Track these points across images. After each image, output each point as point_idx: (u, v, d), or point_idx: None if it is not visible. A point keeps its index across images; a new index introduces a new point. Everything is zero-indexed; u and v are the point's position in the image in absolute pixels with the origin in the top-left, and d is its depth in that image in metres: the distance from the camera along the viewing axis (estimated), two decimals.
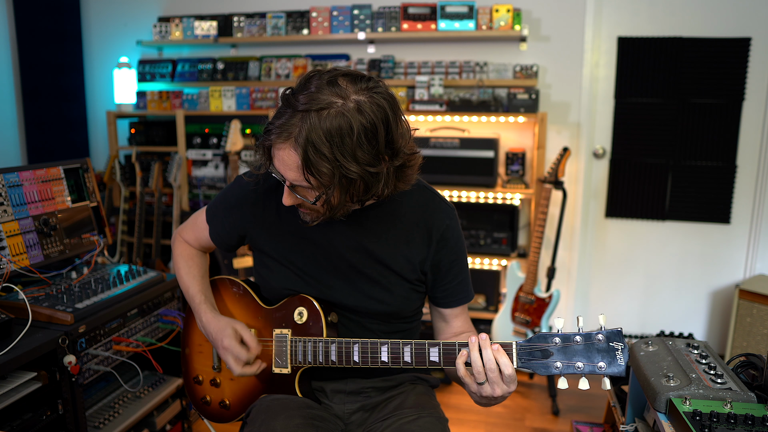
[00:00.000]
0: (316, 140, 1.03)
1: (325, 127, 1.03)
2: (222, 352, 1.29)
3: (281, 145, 1.07)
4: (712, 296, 3.24)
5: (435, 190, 1.33)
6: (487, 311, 3.16)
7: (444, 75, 3.20)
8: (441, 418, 1.29)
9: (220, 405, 1.40)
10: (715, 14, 3.01)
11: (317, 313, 1.26)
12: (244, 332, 1.30)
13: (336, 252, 1.27)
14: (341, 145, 1.04)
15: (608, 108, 3.22)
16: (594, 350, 1.03)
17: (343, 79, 1.07)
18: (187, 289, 1.41)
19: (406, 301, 1.30)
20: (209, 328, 1.32)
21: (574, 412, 2.70)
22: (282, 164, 1.09)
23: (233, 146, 3.13)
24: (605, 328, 1.04)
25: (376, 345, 1.18)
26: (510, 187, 3.09)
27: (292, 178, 1.10)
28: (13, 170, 1.72)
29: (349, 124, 1.03)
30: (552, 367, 1.05)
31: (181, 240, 1.49)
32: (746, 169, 3.08)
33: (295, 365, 1.27)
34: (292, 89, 1.10)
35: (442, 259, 1.28)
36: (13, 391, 1.40)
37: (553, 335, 1.06)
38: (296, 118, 1.04)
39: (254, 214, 1.32)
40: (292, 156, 1.06)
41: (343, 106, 1.04)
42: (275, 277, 1.31)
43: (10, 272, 1.62)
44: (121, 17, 3.76)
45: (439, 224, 1.27)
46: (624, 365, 1.02)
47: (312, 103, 1.04)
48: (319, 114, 1.03)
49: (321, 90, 1.05)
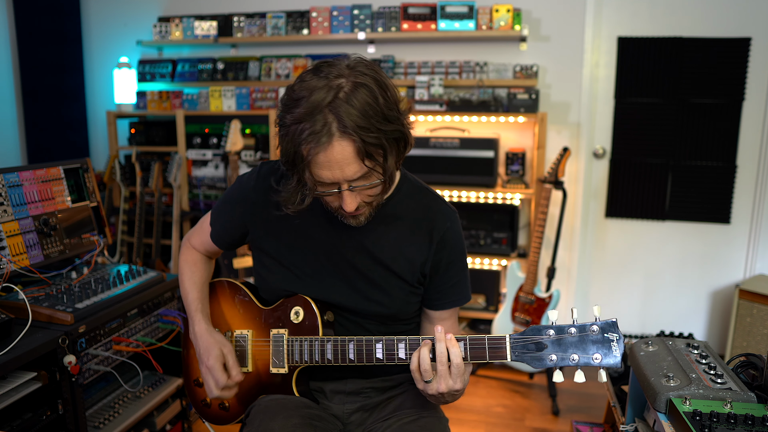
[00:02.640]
0: (358, 121, 1.03)
1: (355, 105, 1.03)
2: (203, 370, 1.30)
3: (327, 147, 1.04)
4: (712, 296, 3.24)
5: (436, 193, 1.32)
6: (487, 311, 3.16)
7: (444, 75, 3.20)
8: (441, 418, 1.29)
9: (219, 407, 1.41)
10: (715, 14, 3.01)
11: (313, 312, 1.26)
12: (230, 357, 1.30)
13: (337, 252, 1.27)
14: (375, 113, 1.05)
15: (608, 108, 3.22)
16: (589, 342, 1.02)
17: (318, 68, 1.08)
18: (186, 294, 1.41)
19: (405, 304, 1.29)
20: (199, 341, 1.33)
21: (574, 412, 2.70)
22: (335, 165, 1.06)
23: (233, 146, 3.13)
24: (600, 319, 1.03)
25: (371, 342, 1.18)
26: (510, 187, 3.09)
27: (352, 173, 1.07)
28: (13, 170, 1.72)
29: (369, 92, 1.05)
30: (546, 360, 1.04)
31: (189, 246, 1.48)
32: (746, 169, 3.08)
33: (292, 365, 1.27)
34: (286, 105, 1.08)
35: (440, 260, 1.27)
36: (13, 391, 1.40)
37: (547, 327, 1.05)
38: (323, 116, 1.03)
39: (254, 213, 1.32)
40: (346, 149, 1.04)
41: (350, 82, 1.05)
42: (274, 278, 1.31)
43: (10, 272, 1.62)
44: (121, 17, 3.76)
45: (441, 226, 1.26)
46: (620, 357, 1.00)
47: (326, 93, 1.03)
48: (339, 99, 1.03)
49: (318, 81, 1.05)
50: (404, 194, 1.28)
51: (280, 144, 1.10)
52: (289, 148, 1.07)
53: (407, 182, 1.30)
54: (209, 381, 1.28)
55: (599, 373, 1.02)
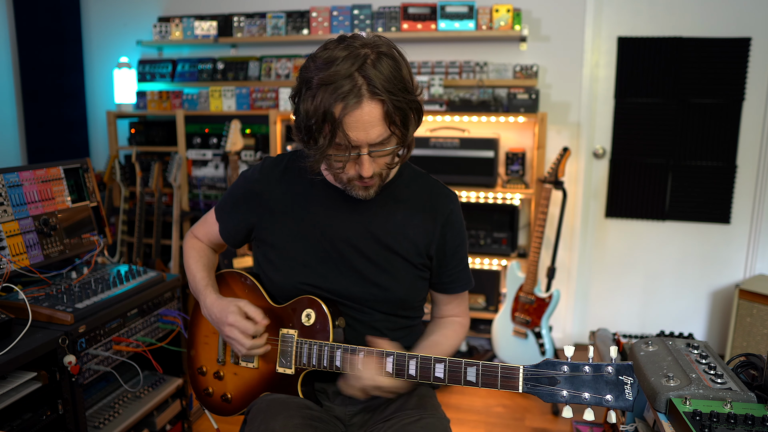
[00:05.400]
0: (386, 84, 1.08)
1: (382, 71, 1.08)
2: (228, 330, 1.26)
3: (357, 107, 1.07)
4: (712, 296, 3.24)
5: (434, 178, 1.37)
6: (487, 311, 3.16)
7: (444, 75, 3.20)
8: (442, 419, 1.29)
9: (221, 398, 1.40)
10: (715, 14, 3.01)
11: (325, 316, 1.26)
12: (248, 308, 1.28)
13: (343, 239, 1.28)
14: (401, 81, 1.10)
15: (608, 108, 3.22)
16: (602, 382, 1.02)
17: (341, 38, 1.13)
18: (194, 275, 1.40)
19: (412, 289, 1.31)
20: (213, 310, 1.30)
21: (574, 412, 2.69)
22: (363, 126, 1.08)
23: (233, 146, 3.13)
24: (615, 361, 1.02)
25: (382, 355, 1.17)
26: (510, 187, 3.09)
27: (376, 135, 1.10)
28: (13, 170, 1.72)
29: (393, 62, 1.10)
30: (558, 396, 1.04)
31: (194, 237, 1.51)
32: (746, 169, 3.08)
33: (299, 367, 1.27)
34: (313, 68, 1.11)
35: (447, 243, 1.31)
36: (13, 391, 1.40)
37: (561, 363, 1.04)
38: (353, 78, 1.07)
39: (260, 204, 1.33)
40: (375, 110, 1.08)
41: (374, 51, 1.09)
42: (279, 274, 1.31)
43: (10, 272, 1.62)
44: (121, 17, 3.76)
45: (444, 209, 1.30)
46: (632, 400, 1.00)
47: (354, 59, 1.07)
48: (367, 64, 1.07)
49: (344, 49, 1.09)
50: (406, 178, 1.33)
51: (302, 105, 1.11)
52: (318, 107, 1.08)
53: (408, 168, 1.35)
54: (237, 335, 1.24)
55: (608, 413, 1.03)
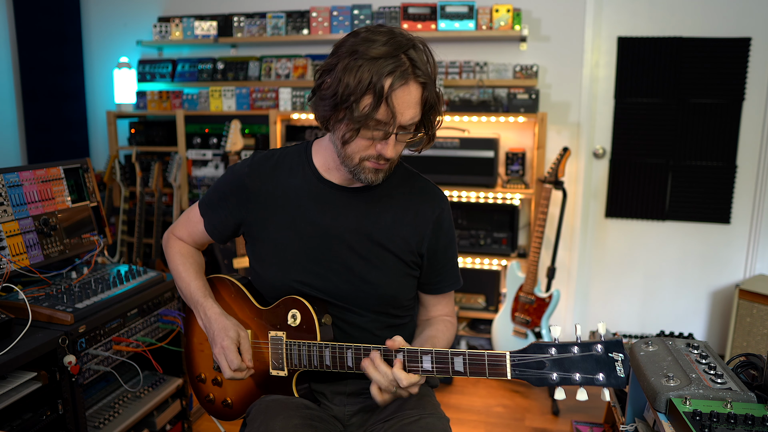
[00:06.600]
0: (426, 69, 1.12)
1: (422, 59, 1.12)
2: (217, 350, 1.27)
3: (404, 86, 1.10)
4: (712, 296, 3.24)
5: (425, 178, 1.38)
6: (487, 311, 3.16)
7: (444, 75, 3.20)
8: (442, 418, 1.29)
9: (223, 404, 1.41)
10: (715, 14, 3.01)
11: (310, 315, 1.26)
12: (244, 342, 1.28)
13: (335, 236, 1.28)
14: (434, 72, 1.16)
15: (608, 108, 3.22)
16: (592, 361, 1.00)
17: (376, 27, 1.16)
18: (188, 285, 1.38)
19: (401, 285, 1.31)
20: (214, 325, 1.29)
21: (574, 412, 2.70)
22: (405, 104, 1.11)
23: (233, 146, 3.13)
24: (604, 338, 1.00)
25: (369, 351, 1.17)
26: (510, 187, 3.09)
27: (409, 117, 1.13)
28: (13, 170, 1.72)
29: (428, 53, 1.15)
30: (548, 379, 1.02)
31: (175, 238, 1.47)
32: (746, 169, 3.08)
33: (291, 368, 1.27)
34: (360, 41, 1.12)
35: (438, 242, 1.32)
36: (13, 391, 1.40)
37: (549, 345, 1.03)
38: (400, 59, 1.09)
39: (250, 200, 1.32)
40: (415, 92, 1.12)
41: (413, 39, 1.13)
42: (269, 270, 1.31)
43: (10, 272, 1.62)
44: (121, 17, 3.76)
45: (434, 208, 1.31)
46: (624, 377, 0.98)
47: (398, 42, 1.10)
48: (411, 49, 1.11)
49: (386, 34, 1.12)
50: (399, 177, 1.33)
51: (342, 76, 1.11)
52: (363, 79, 1.09)
53: (401, 167, 1.36)
54: (223, 361, 1.25)
55: (602, 391, 1.01)
